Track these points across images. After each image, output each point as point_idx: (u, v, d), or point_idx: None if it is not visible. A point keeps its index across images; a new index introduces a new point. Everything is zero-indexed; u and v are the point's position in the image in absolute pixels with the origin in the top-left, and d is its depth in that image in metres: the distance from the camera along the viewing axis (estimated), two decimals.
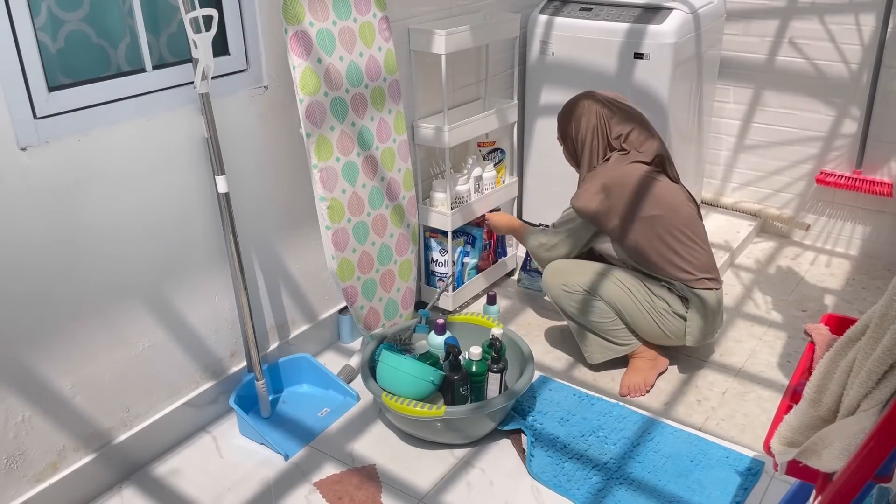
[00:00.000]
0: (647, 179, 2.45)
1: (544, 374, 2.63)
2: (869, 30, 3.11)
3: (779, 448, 1.47)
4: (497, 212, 3.01)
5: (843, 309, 3.01)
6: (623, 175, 2.45)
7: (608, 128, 2.49)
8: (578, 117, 2.53)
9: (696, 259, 2.46)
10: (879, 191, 3.23)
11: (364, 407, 2.48)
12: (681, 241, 2.44)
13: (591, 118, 2.50)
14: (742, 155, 3.60)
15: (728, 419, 2.40)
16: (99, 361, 2.05)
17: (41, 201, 1.82)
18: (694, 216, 2.52)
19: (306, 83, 2.22)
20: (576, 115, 2.54)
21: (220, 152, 2.11)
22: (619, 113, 2.50)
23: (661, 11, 2.92)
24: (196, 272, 2.24)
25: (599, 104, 2.51)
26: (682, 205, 2.49)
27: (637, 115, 2.53)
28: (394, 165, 2.56)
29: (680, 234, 2.44)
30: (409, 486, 2.15)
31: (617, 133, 2.49)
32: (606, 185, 2.44)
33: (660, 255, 2.44)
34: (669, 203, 2.45)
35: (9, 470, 1.91)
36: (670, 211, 2.44)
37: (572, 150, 2.61)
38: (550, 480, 2.15)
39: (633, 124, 2.50)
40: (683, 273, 2.44)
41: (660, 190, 2.45)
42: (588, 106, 2.52)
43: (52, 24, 1.89)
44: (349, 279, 2.47)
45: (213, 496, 2.13)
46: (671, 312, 2.47)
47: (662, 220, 2.42)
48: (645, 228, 2.42)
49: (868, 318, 1.44)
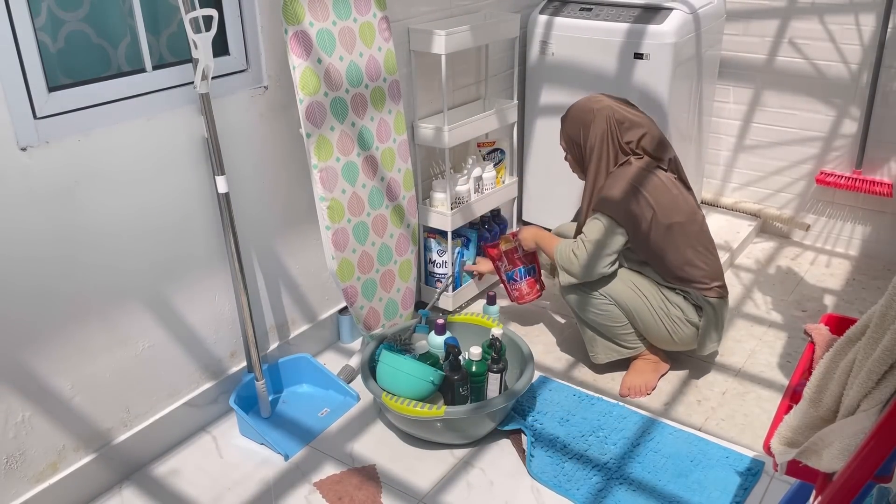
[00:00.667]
0: (669, 185, 2.40)
1: (544, 374, 2.63)
2: (869, 30, 3.11)
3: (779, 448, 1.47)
4: (528, 226, 2.73)
5: (843, 309, 3.01)
6: (651, 179, 2.37)
7: (619, 134, 2.41)
8: (587, 123, 2.45)
9: (709, 267, 2.45)
10: (879, 191, 3.23)
11: (364, 407, 2.48)
12: (696, 250, 2.42)
13: (602, 124, 2.42)
14: (742, 155, 3.60)
15: (728, 419, 2.40)
16: (99, 361, 2.05)
17: (41, 201, 1.82)
18: (704, 223, 2.51)
19: (306, 83, 2.22)
20: (584, 122, 2.46)
21: (220, 152, 2.11)
22: (629, 118, 2.43)
23: (661, 11, 2.92)
24: (196, 272, 2.24)
25: (609, 110, 2.43)
26: (696, 212, 2.47)
27: (646, 119, 2.47)
28: (394, 165, 2.56)
29: (696, 243, 2.43)
30: (409, 487, 2.15)
31: (628, 139, 2.41)
32: (635, 187, 2.36)
33: (677, 263, 2.41)
34: (688, 211, 2.42)
35: (9, 470, 1.91)
36: (689, 218, 2.42)
37: (579, 157, 2.52)
38: (550, 480, 2.15)
39: (644, 129, 2.43)
40: (699, 281, 2.43)
41: (681, 197, 2.42)
42: (598, 112, 2.43)
43: (52, 24, 1.89)
44: (349, 279, 2.47)
45: (213, 496, 2.13)
46: (684, 320, 2.46)
47: (683, 227, 2.39)
48: (668, 235, 2.38)
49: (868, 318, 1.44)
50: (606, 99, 2.48)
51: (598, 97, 2.50)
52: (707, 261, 2.45)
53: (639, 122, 2.44)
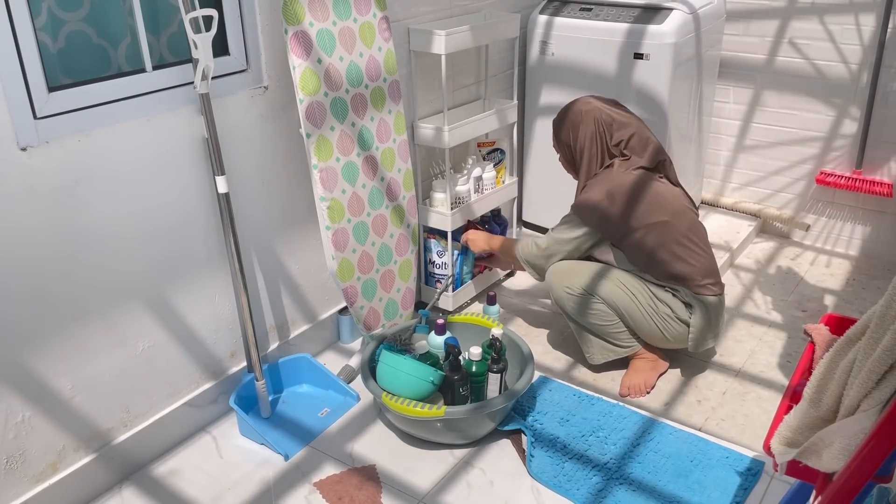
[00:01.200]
0: (652, 186, 2.43)
1: (544, 374, 2.63)
2: (869, 30, 3.11)
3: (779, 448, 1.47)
4: (475, 230, 2.92)
5: (843, 309, 3.01)
6: (628, 182, 2.42)
7: (608, 135, 2.47)
8: (576, 125, 2.51)
9: (699, 264, 2.45)
10: (879, 191, 3.23)
11: (364, 407, 2.48)
12: (685, 246, 2.43)
13: (590, 126, 2.48)
14: (742, 155, 3.60)
15: (728, 419, 2.40)
16: (99, 361, 2.05)
17: (41, 201, 1.83)
18: (696, 220, 2.52)
19: (306, 83, 2.22)
20: (573, 124, 2.52)
21: (220, 152, 2.11)
22: (617, 119, 2.48)
23: (661, 11, 2.92)
24: (196, 272, 2.24)
25: (597, 112, 2.48)
26: (684, 209, 2.48)
27: (634, 120, 2.51)
28: (394, 166, 2.56)
29: (684, 240, 2.43)
30: (409, 487, 2.15)
31: (617, 140, 2.47)
32: (611, 192, 2.42)
33: (664, 260, 2.43)
34: (674, 209, 2.44)
35: (9, 470, 1.91)
36: (675, 216, 2.43)
37: (570, 158, 2.59)
38: (550, 480, 2.15)
39: (632, 129, 2.48)
40: (687, 279, 2.44)
41: (664, 195, 2.44)
42: (586, 114, 2.49)
43: (52, 24, 1.89)
44: (349, 279, 2.47)
45: (212, 496, 2.13)
46: (674, 317, 2.47)
47: (668, 226, 2.42)
48: (651, 235, 2.41)
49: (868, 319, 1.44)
50: (595, 101, 2.53)
51: (587, 99, 2.54)
52: (697, 258, 2.45)
53: (626, 123, 2.48)
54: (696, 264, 2.45)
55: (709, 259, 2.50)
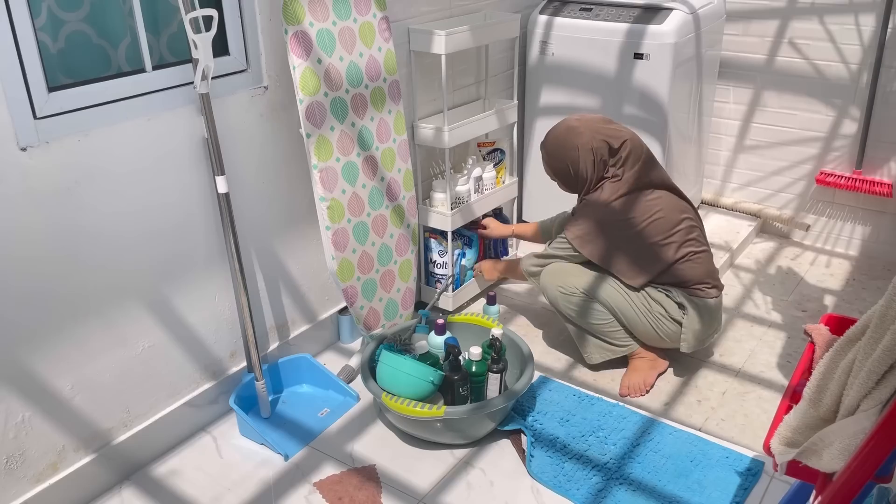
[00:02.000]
0: (642, 200, 2.44)
1: (544, 374, 2.63)
2: (869, 30, 3.11)
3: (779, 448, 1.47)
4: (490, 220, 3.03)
5: (843, 309, 3.01)
6: (615, 212, 2.44)
7: (606, 157, 2.45)
8: (574, 161, 2.46)
9: (695, 270, 2.46)
10: (879, 191, 3.23)
11: (364, 407, 2.48)
12: (682, 258, 2.45)
13: (587, 157, 2.44)
14: (742, 155, 3.60)
15: (728, 419, 2.40)
16: (99, 361, 2.05)
17: (41, 201, 1.82)
18: (691, 226, 2.50)
19: (306, 83, 2.22)
20: (571, 159, 2.46)
21: (220, 152, 2.11)
22: (611, 141, 2.43)
23: (661, 12, 2.92)
24: (196, 272, 2.24)
25: (591, 140, 2.43)
26: (678, 220, 2.46)
27: (625, 133, 2.47)
28: (394, 166, 2.56)
29: (681, 249, 2.44)
30: (409, 487, 2.15)
31: (614, 161, 2.45)
32: (601, 223, 2.46)
33: (660, 271, 2.45)
34: (667, 225, 2.44)
35: (9, 470, 1.91)
36: (668, 233, 2.44)
37: (570, 184, 2.56)
38: (550, 481, 2.15)
39: (627, 149, 2.44)
40: (683, 283, 2.45)
41: (654, 209, 2.44)
42: (582, 147, 2.43)
43: (52, 24, 1.89)
44: (349, 279, 2.47)
45: (212, 496, 2.13)
46: (667, 317, 2.47)
47: (662, 244, 2.43)
48: (642, 248, 2.44)
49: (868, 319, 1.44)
50: (583, 126, 2.46)
51: (575, 127, 2.47)
52: (693, 266, 2.46)
53: (620, 145, 2.45)
54: (692, 271, 2.45)
55: (706, 262, 2.50)
